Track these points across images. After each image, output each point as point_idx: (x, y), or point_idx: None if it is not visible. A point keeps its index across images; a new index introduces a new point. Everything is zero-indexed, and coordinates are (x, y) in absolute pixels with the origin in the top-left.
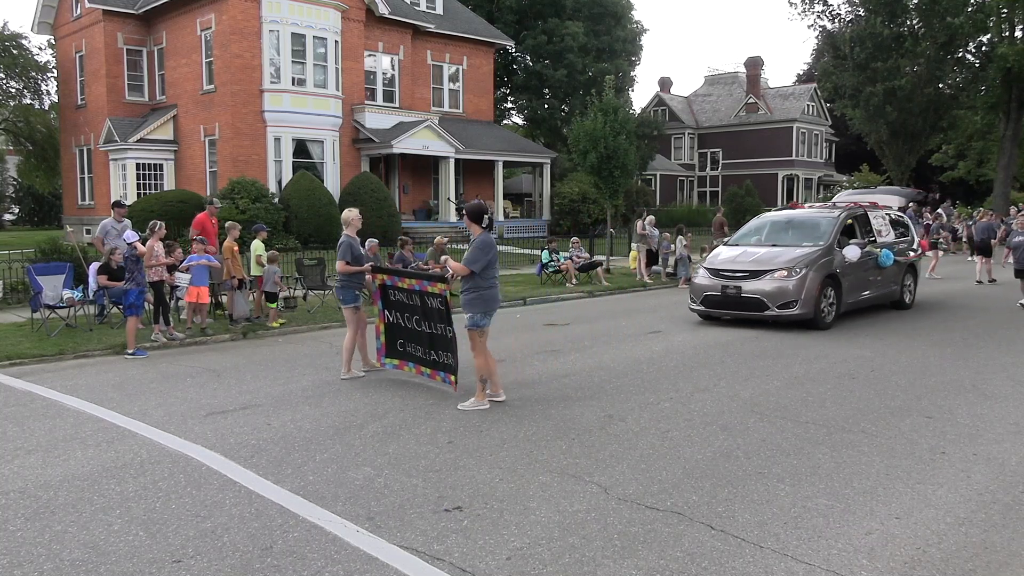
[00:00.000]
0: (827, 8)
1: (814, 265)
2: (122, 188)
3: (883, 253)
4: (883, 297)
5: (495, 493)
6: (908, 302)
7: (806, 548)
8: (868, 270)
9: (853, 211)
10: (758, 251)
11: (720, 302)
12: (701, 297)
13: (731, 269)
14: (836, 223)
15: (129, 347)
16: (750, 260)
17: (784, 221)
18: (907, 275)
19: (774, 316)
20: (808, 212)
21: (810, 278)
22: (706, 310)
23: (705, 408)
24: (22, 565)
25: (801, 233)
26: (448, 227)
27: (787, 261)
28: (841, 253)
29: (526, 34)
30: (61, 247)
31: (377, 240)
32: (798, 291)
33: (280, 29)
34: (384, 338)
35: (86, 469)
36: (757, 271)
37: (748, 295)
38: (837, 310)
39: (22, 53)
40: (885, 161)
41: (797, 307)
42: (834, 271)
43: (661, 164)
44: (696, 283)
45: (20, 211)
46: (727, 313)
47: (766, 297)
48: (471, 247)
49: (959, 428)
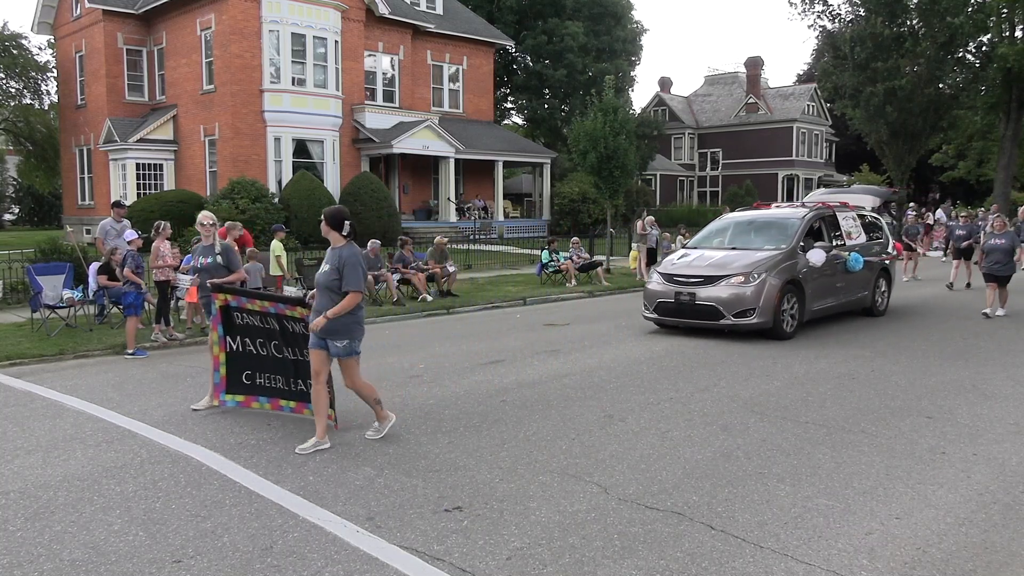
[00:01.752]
0: (827, 8)
1: (774, 270)
2: (122, 188)
3: (852, 257)
4: (853, 303)
5: (495, 493)
6: (881, 308)
7: (806, 548)
8: (835, 275)
9: (820, 212)
10: (715, 255)
11: (674, 310)
12: (654, 304)
13: (685, 274)
14: (800, 225)
15: (129, 347)
16: (706, 264)
17: (747, 222)
18: (880, 280)
19: (730, 325)
20: (772, 212)
21: (769, 284)
22: (660, 318)
23: (705, 408)
24: (22, 565)
25: (764, 235)
26: (448, 227)
27: (744, 266)
28: (805, 257)
29: (526, 34)
30: (61, 247)
31: (379, 241)
32: (756, 298)
33: (280, 29)
34: (224, 370)
35: (86, 469)
36: (712, 276)
37: (703, 302)
38: (800, 318)
39: (22, 53)
40: (885, 161)
41: (755, 315)
42: (797, 276)
43: (661, 164)
44: (649, 289)
45: (20, 211)
46: (681, 322)
47: (721, 305)
48: (344, 264)
49: (959, 428)
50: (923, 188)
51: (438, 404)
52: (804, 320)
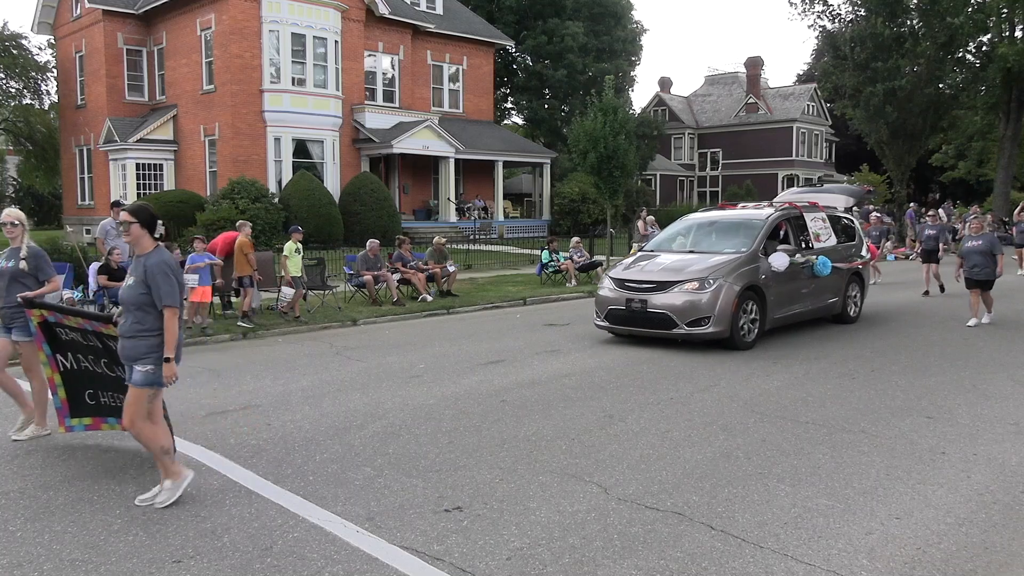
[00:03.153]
0: (827, 8)
1: (732, 275)
2: (122, 188)
3: (819, 261)
4: (820, 311)
5: (495, 493)
6: (852, 315)
7: (806, 548)
8: (801, 280)
9: (786, 213)
10: (670, 259)
11: (625, 318)
12: (605, 311)
13: (637, 279)
14: (762, 227)
15: None
16: (659, 269)
17: (708, 224)
18: (851, 285)
19: (683, 335)
20: (734, 213)
21: (725, 290)
22: (611, 327)
23: (705, 408)
24: (22, 565)
25: (725, 238)
26: (448, 227)
27: (699, 271)
28: (767, 261)
29: (526, 34)
30: (61, 247)
31: (378, 240)
32: (711, 306)
33: (280, 29)
34: (63, 392)
35: (86, 469)
36: (665, 282)
37: (654, 310)
38: (761, 327)
39: (22, 53)
40: (885, 161)
41: (710, 324)
42: (757, 282)
43: (661, 164)
44: (600, 295)
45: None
46: (633, 331)
47: (674, 313)
48: (153, 275)
49: (959, 428)
50: (923, 188)
51: (438, 404)
52: (766, 329)
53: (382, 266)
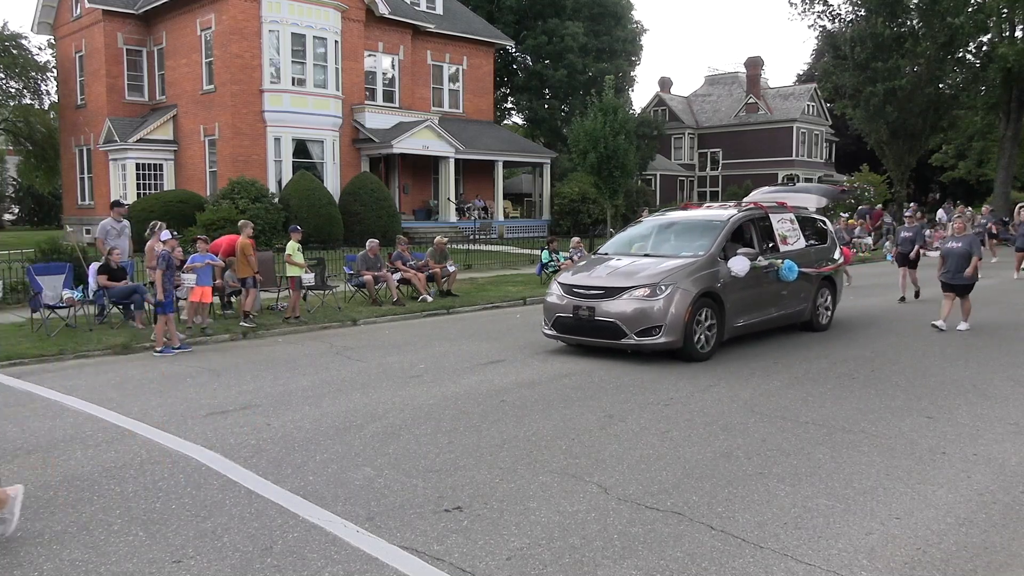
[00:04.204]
0: (827, 8)
1: (686, 280)
2: (122, 188)
3: (785, 265)
4: (787, 318)
5: (495, 493)
6: (823, 323)
7: (806, 548)
8: (765, 285)
9: (749, 214)
10: (622, 263)
11: (573, 326)
12: (552, 319)
13: (585, 285)
14: (722, 229)
15: (157, 344)
16: (608, 274)
17: (667, 225)
18: (822, 291)
19: (633, 345)
20: (696, 215)
21: (678, 297)
22: (558, 335)
23: (705, 408)
24: (22, 565)
25: (683, 240)
26: (448, 227)
27: (651, 276)
28: (726, 265)
29: (526, 34)
30: (61, 247)
31: (377, 240)
32: (662, 314)
33: (280, 29)
34: None
35: (86, 469)
36: (614, 288)
37: (602, 318)
38: (719, 336)
39: (22, 53)
40: (885, 161)
41: (661, 334)
42: (715, 288)
43: (661, 164)
44: (548, 301)
45: (20, 211)
46: (581, 340)
47: (623, 321)
48: None
49: (959, 428)
50: (923, 188)
51: (438, 404)
52: (724, 338)
53: (382, 266)
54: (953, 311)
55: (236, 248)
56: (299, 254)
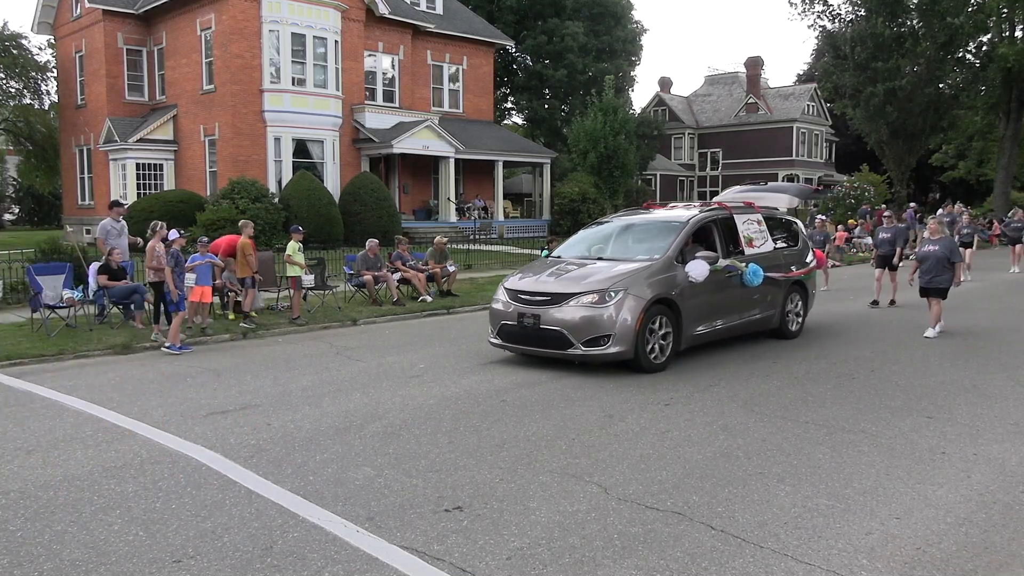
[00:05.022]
0: (827, 8)
1: (638, 286)
2: (122, 188)
3: (749, 269)
4: (753, 325)
5: (495, 493)
6: (793, 330)
7: (806, 548)
8: (728, 290)
9: (712, 214)
10: (573, 266)
11: (518, 335)
12: (498, 327)
13: (531, 291)
14: (681, 230)
15: (168, 341)
16: (555, 279)
17: (624, 227)
18: (792, 296)
19: (580, 356)
20: (654, 216)
21: (629, 304)
22: (503, 344)
23: (705, 408)
24: (22, 565)
25: (639, 243)
26: (448, 227)
27: (599, 281)
28: (683, 270)
29: (526, 34)
30: (61, 247)
31: (377, 240)
32: (611, 322)
33: (280, 29)
34: None
35: (86, 469)
36: (561, 294)
37: (547, 327)
38: (676, 345)
39: (22, 53)
40: (885, 161)
41: (610, 343)
42: (670, 294)
43: (661, 164)
44: (493, 308)
45: (20, 211)
46: (527, 350)
47: (568, 330)
48: None
49: (959, 428)
50: (923, 188)
51: (438, 404)
52: (682, 348)
53: (382, 266)
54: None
55: (236, 248)
56: (299, 254)
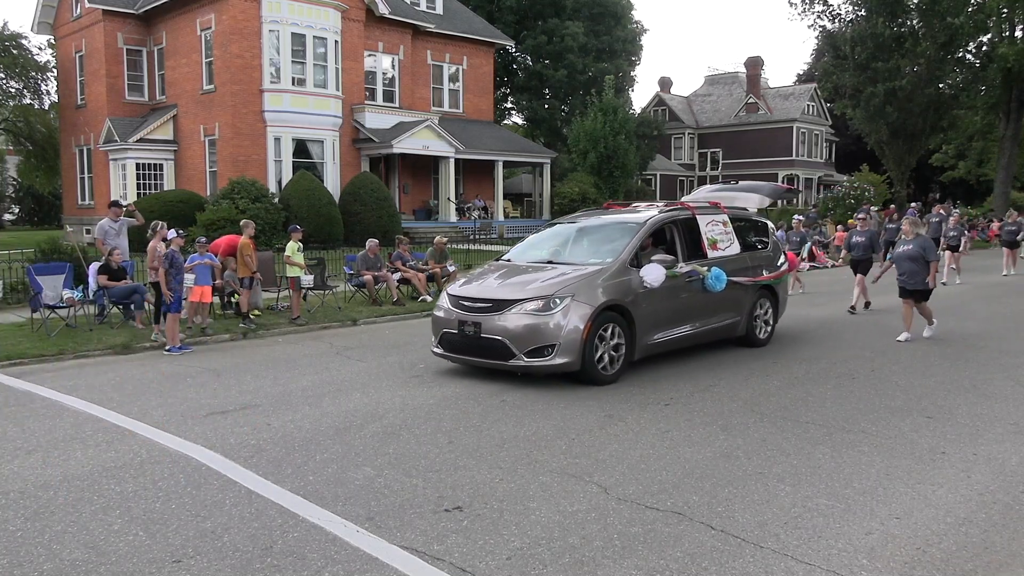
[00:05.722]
0: (827, 8)
1: (586, 292)
2: (122, 188)
3: (712, 273)
4: (716, 332)
5: (495, 493)
6: (762, 337)
7: (806, 548)
8: (688, 296)
9: (672, 215)
10: (520, 271)
11: (459, 344)
12: (439, 335)
13: (473, 297)
14: (636, 232)
15: (169, 343)
16: (499, 285)
17: (578, 229)
18: (760, 302)
19: (523, 367)
20: (608, 218)
21: (576, 311)
22: (445, 354)
23: (705, 408)
24: (22, 565)
25: (593, 246)
26: (448, 227)
27: (544, 287)
28: (638, 274)
29: (526, 34)
30: (61, 247)
31: (377, 240)
32: (556, 331)
33: (280, 29)
34: None
35: (86, 469)
36: (503, 301)
37: (488, 336)
38: (629, 355)
39: (22, 53)
40: (885, 161)
41: (555, 354)
42: (623, 300)
43: (661, 164)
44: (435, 315)
45: (20, 211)
46: (468, 360)
47: (511, 339)
48: None
49: (959, 428)
50: (923, 188)
51: (438, 404)
52: (636, 358)
53: (382, 266)
54: (918, 318)
55: (237, 249)
56: (299, 255)
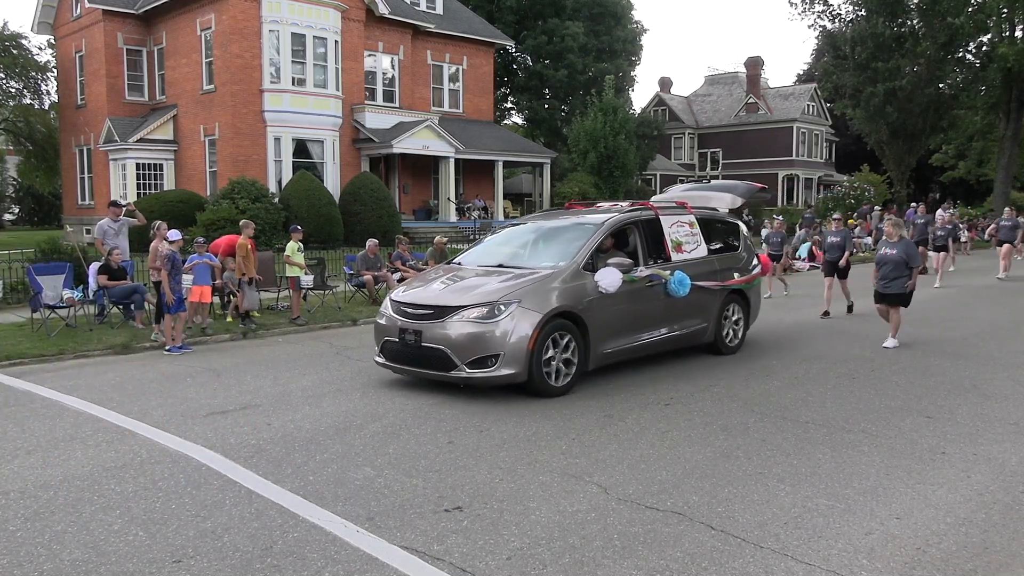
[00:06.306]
0: (827, 8)
1: (533, 298)
2: (122, 188)
3: (675, 277)
4: (682, 339)
5: (495, 493)
6: (732, 344)
7: (806, 548)
8: (648, 302)
9: (632, 215)
10: (467, 275)
11: (399, 353)
12: (381, 344)
13: (415, 303)
14: (592, 234)
15: (168, 344)
16: (443, 290)
17: (533, 230)
18: (730, 307)
19: (465, 379)
20: (565, 219)
21: (522, 319)
22: (387, 363)
23: (705, 408)
24: (22, 565)
25: (547, 248)
26: (448, 227)
27: (489, 293)
28: (593, 279)
29: (526, 34)
30: (61, 247)
31: (377, 240)
32: (501, 340)
33: (280, 29)
34: None
35: (86, 469)
36: (445, 307)
37: (429, 345)
38: (582, 365)
39: (22, 53)
40: (885, 161)
41: (499, 364)
42: (575, 306)
43: (661, 164)
44: (377, 323)
45: (20, 211)
46: (409, 371)
47: (452, 349)
48: None
49: (959, 428)
50: (923, 188)
51: (438, 404)
52: (590, 367)
53: (382, 266)
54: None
55: (239, 248)
56: (299, 255)
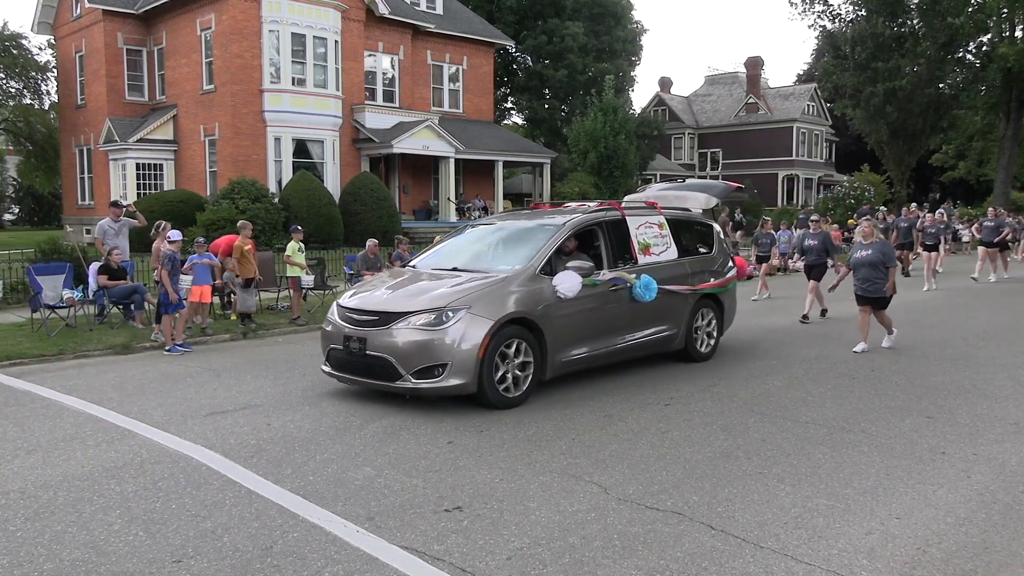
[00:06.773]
0: (827, 8)
1: (484, 303)
2: (122, 188)
3: (640, 281)
4: (648, 346)
5: (495, 493)
6: (704, 351)
7: (806, 548)
8: (612, 307)
9: (596, 216)
10: (418, 279)
11: (344, 362)
12: (327, 351)
13: (361, 309)
14: (551, 236)
15: (167, 344)
16: (391, 295)
17: (492, 232)
18: (702, 312)
19: (410, 390)
20: (525, 220)
21: (470, 326)
22: (332, 372)
23: (705, 408)
24: (22, 565)
25: (506, 251)
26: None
27: (437, 298)
28: (551, 283)
29: (526, 34)
30: (61, 247)
31: (377, 240)
32: (448, 348)
33: (280, 29)
34: None
35: (86, 469)
36: (391, 313)
37: (373, 353)
38: (539, 374)
39: (22, 53)
40: (885, 161)
41: (447, 374)
42: (530, 312)
43: (661, 164)
44: (323, 329)
45: (20, 211)
46: (354, 380)
47: (396, 357)
48: None
49: (959, 428)
50: (923, 188)
51: (438, 404)
52: (548, 377)
53: (382, 266)
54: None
55: (236, 248)
56: (299, 255)
